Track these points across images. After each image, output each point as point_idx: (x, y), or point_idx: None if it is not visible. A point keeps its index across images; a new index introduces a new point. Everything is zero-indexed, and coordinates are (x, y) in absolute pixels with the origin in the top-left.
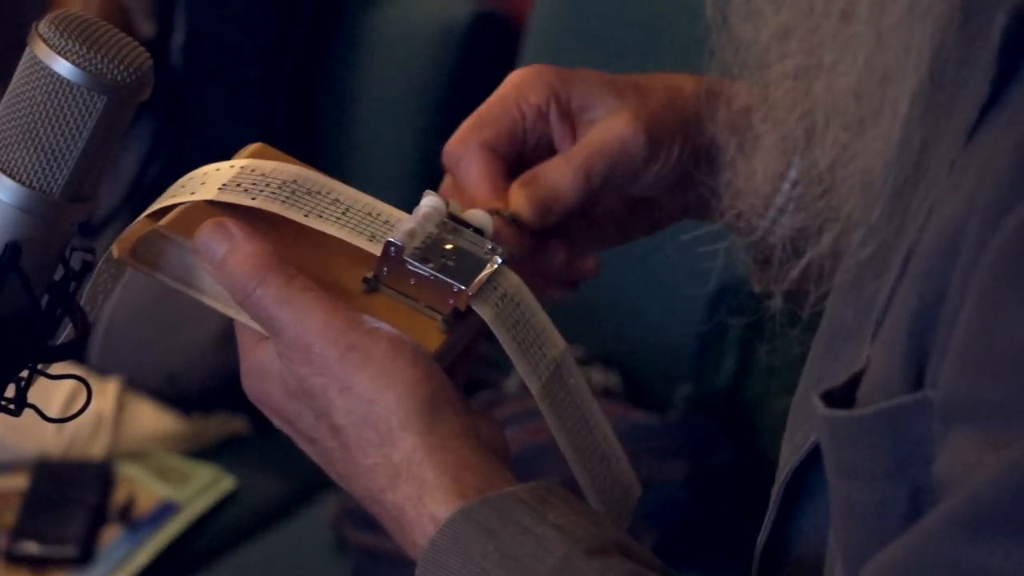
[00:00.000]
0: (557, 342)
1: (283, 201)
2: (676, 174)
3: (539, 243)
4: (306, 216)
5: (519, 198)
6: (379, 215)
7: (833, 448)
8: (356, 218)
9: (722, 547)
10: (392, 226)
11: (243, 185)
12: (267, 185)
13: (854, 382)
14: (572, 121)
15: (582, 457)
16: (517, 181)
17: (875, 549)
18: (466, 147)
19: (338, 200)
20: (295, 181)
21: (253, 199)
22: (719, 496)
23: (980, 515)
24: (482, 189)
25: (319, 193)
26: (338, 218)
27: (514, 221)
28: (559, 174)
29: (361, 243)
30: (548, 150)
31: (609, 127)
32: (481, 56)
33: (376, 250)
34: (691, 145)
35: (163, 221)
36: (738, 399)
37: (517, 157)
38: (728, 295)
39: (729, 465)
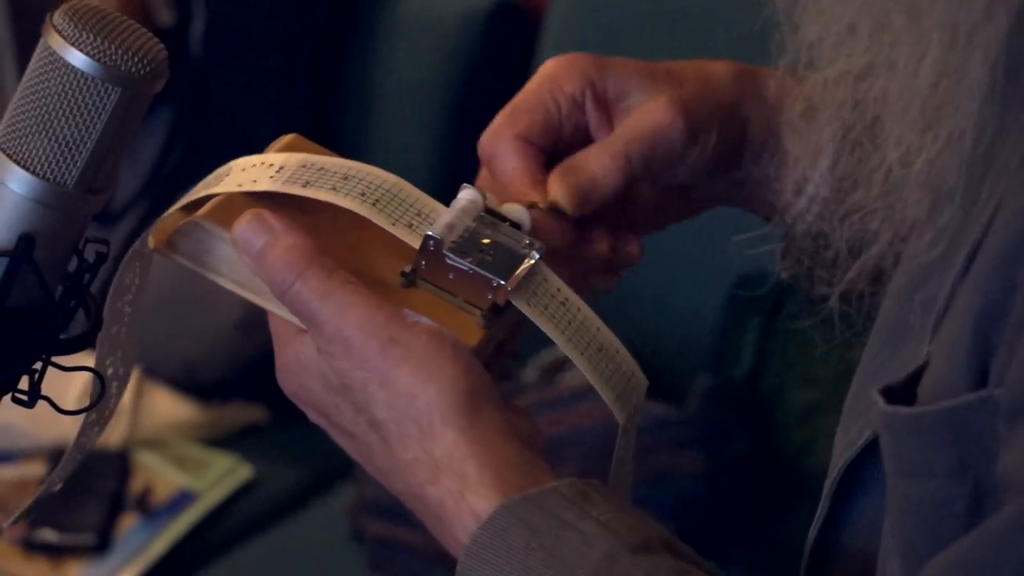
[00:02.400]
0: (598, 324)
1: (330, 188)
2: (713, 160)
3: (581, 232)
4: (346, 197)
5: (558, 188)
6: (416, 205)
7: (893, 445)
8: (391, 205)
9: (738, 540)
10: (429, 219)
11: (282, 175)
12: (311, 173)
13: (914, 379)
14: (608, 109)
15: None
16: (555, 170)
17: (935, 547)
18: (501, 139)
19: (378, 187)
20: (334, 170)
21: (303, 187)
22: (736, 489)
23: None
24: (519, 181)
25: (361, 180)
26: (380, 207)
27: (554, 211)
28: (598, 162)
29: (399, 232)
30: (584, 140)
31: (646, 113)
32: (500, 46)
33: (414, 241)
34: (727, 130)
35: (201, 212)
36: (756, 391)
37: (552, 147)
38: (748, 287)
39: (746, 458)
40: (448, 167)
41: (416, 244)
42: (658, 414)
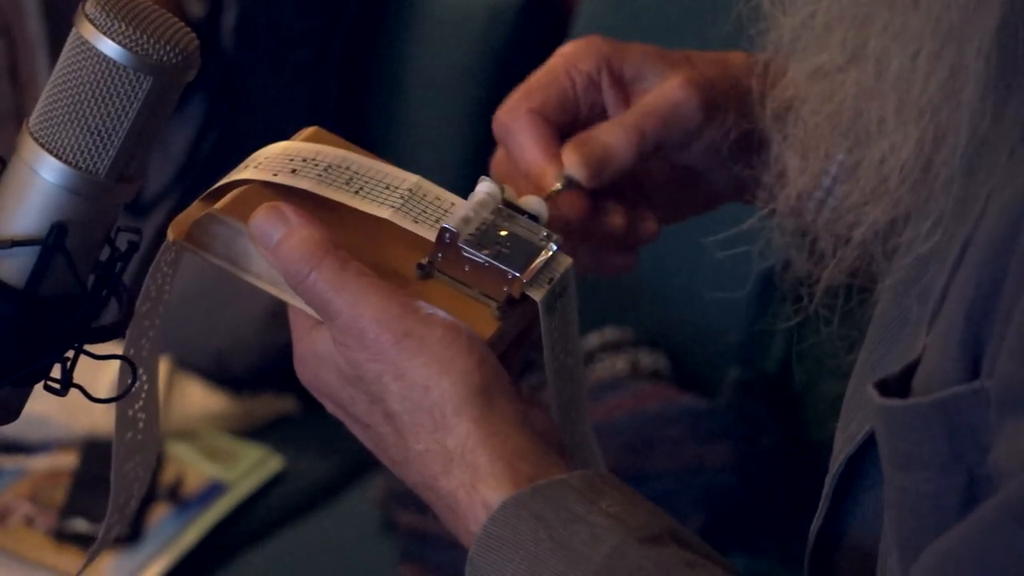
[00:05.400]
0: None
1: (334, 184)
2: (729, 145)
3: (597, 207)
4: (357, 198)
5: (572, 159)
6: (434, 200)
7: (888, 438)
8: (410, 203)
9: (769, 531)
10: (447, 211)
11: (295, 167)
12: (318, 166)
13: (909, 372)
14: (625, 90)
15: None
16: (569, 142)
17: (930, 539)
18: (516, 115)
19: (391, 184)
20: (348, 165)
21: (306, 179)
22: (767, 480)
23: None
24: (534, 154)
25: (372, 177)
26: (392, 203)
27: (569, 184)
28: (612, 134)
29: (415, 228)
30: (602, 119)
31: (663, 90)
32: (531, 38)
33: (430, 235)
34: (744, 116)
35: (218, 205)
36: (787, 383)
37: (569, 125)
38: (778, 280)
39: (777, 449)
40: (478, 160)
41: (433, 237)
42: (689, 406)
